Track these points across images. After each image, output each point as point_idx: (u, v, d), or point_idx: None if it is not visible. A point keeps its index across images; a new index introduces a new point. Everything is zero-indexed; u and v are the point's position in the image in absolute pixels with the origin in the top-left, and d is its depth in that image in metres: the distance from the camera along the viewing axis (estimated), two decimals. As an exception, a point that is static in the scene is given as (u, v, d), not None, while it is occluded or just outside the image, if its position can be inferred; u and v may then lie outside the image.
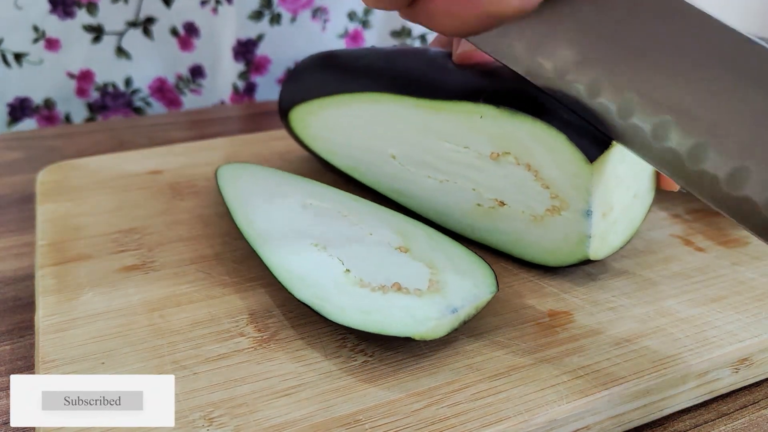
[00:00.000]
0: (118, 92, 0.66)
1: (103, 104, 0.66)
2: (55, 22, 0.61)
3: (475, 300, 0.29)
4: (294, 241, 0.33)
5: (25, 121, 0.64)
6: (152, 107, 0.68)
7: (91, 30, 0.62)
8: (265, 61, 0.70)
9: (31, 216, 0.43)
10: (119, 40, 0.64)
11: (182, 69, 0.67)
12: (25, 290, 0.37)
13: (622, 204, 0.33)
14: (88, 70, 0.64)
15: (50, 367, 0.28)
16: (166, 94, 0.68)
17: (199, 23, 0.65)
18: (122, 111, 0.67)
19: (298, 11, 0.69)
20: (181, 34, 0.65)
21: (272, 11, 0.68)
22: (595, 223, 0.31)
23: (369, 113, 0.38)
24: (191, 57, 0.67)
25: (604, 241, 0.33)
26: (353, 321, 0.28)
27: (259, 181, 0.39)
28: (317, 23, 0.71)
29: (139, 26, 0.64)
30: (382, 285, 0.30)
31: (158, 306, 0.32)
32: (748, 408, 0.30)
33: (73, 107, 0.65)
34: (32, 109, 0.64)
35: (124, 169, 0.46)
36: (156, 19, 0.64)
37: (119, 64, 0.65)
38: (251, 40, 0.69)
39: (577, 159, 0.30)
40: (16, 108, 0.63)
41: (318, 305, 0.29)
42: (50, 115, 0.65)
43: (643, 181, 0.34)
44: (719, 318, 0.31)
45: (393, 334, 0.27)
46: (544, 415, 0.26)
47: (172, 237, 0.38)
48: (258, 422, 0.25)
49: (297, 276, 0.31)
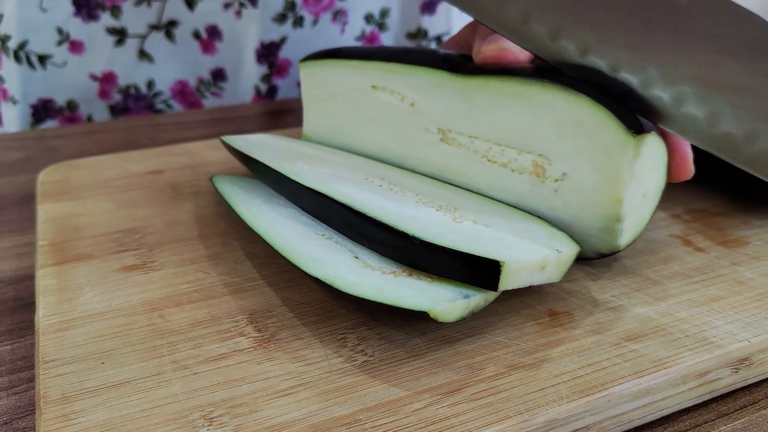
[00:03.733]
0: (140, 94, 0.67)
1: (125, 106, 0.67)
2: (79, 24, 0.62)
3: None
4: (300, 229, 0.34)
5: (47, 123, 0.65)
6: (173, 110, 0.69)
7: (115, 33, 0.63)
8: (287, 64, 0.71)
9: (31, 216, 0.43)
10: (142, 43, 0.64)
11: (204, 72, 0.68)
12: (25, 290, 0.37)
13: (633, 203, 0.33)
14: (111, 73, 0.65)
15: (50, 367, 0.28)
16: (187, 97, 0.68)
17: (222, 26, 0.66)
18: (144, 113, 0.68)
19: (320, 14, 0.69)
20: (204, 37, 0.66)
21: (295, 14, 0.68)
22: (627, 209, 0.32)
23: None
24: (213, 60, 0.67)
25: (624, 233, 0.33)
26: (367, 294, 0.28)
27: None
28: (337, 26, 0.71)
29: (162, 29, 0.64)
30: (393, 270, 0.30)
31: (158, 306, 0.32)
32: (748, 408, 0.30)
33: (96, 109, 0.66)
34: (55, 111, 0.65)
35: (125, 169, 0.46)
36: (179, 22, 0.64)
37: (141, 66, 0.65)
38: (274, 42, 0.69)
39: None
40: (39, 109, 0.64)
41: (329, 280, 0.29)
42: (73, 116, 0.65)
43: (653, 181, 0.34)
44: (719, 318, 0.31)
45: (408, 307, 0.27)
46: (544, 415, 0.26)
47: (172, 237, 0.38)
48: (258, 422, 0.25)
49: (306, 256, 0.31)
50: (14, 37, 0.60)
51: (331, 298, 0.32)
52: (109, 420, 0.25)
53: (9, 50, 0.61)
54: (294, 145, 0.43)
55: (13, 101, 0.63)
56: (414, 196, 0.35)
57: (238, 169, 0.46)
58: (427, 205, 0.34)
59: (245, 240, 0.37)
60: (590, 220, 0.32)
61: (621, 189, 0.31)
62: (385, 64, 0.38)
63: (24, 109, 0.63)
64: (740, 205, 0.42)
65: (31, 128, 0.64)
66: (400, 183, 0.36)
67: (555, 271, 0.30)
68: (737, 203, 0.42)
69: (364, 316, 0.31)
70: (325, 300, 0.32)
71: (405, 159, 0.39)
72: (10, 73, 0.62)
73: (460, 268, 0.28)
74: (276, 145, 0.42)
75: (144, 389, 0.27)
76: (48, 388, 0.27)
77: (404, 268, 0.30)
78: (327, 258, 0.31)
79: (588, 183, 0.32)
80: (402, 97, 0.38)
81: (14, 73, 0.62)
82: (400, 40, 0.76)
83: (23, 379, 0.31)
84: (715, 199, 0.42)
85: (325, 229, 0.34)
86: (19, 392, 0.30)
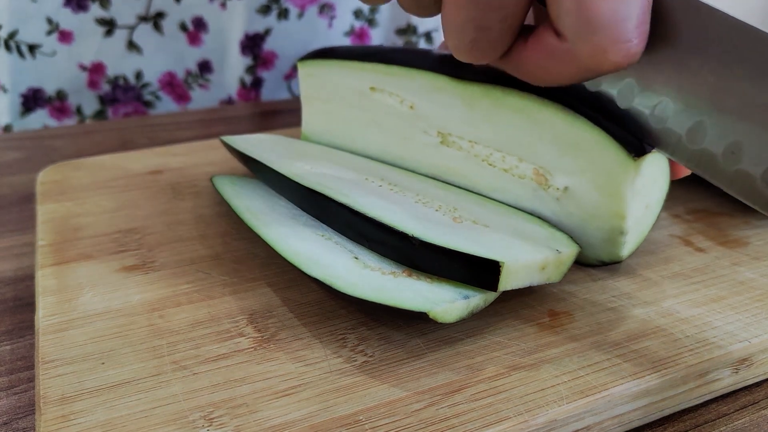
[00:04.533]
0: (128, 85, 0.67)
1: (113, 97, 0.67)
2: (69, 14, 0.62)
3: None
4: (300, 230, 0.34)
5: (37, 112, 0.65)
6: (162, 101, 0.69)
7: (104, 23, 0.63)
8: (272, 56, 0.71)
9: (31, 216, 0.43)
10: (130, 34, 0.65)
11: (190, 64, 0.68)
12: (25, 290, 0.37)
13: (636, 216, 0.33)
14: (100, 63, 0.65)
15: (50, 368, 0.28)
16: (176, 89, 0.69)
17: (208, 18, 0.66)
18: (132, 104, 0.68)
19: (306, 7, 0.70)
20: (190, 29, 0.66)
21: (280, 6, 0.69)
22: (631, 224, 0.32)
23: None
24: (199, 52, 0.68)
25: (627, 244, 0.33)
26: (366, 295, 0.28)
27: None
28: (324, 19, 0.71)
29: (150, 21, 0.65)
30: (393, 271, 0.30)
31: (158, 306, 0.32)
32: (748, 408, 0.30)
33: (85, 99, 0.66)
34: (45, 101, 0.65)
35: (125, 169, 0.46)
36: (166, 14, 0.65)
37: (130, 57, 0.66)
38: (259, 34, 0.69)
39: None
40: (29, 99, 0.64)
41: (329, 281, 0.29)
42: (62, 106, 0.66)
43: (655, 192, 0.34)
44: (719, 318, 0.31)
45: (408, 308, 0.27)
46: (544, 415, 0.26)
47: (172, 237, 0.38)
48: (258, 422, 0.25)
49: (306, 257, 0.31)
50: (5, 27, 0.61)
51: (331, 298, 0.32)
52: (109, 420, 0.25)
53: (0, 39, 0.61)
54: (293, 145, 0.43)
55: (4, 90, 0.64)
56: (414, 196, 0.35)
57: (238, 169, 0.46)
58: (427, 205, 0.34)
59: (245, 240, 0.37)
60: (593, 231, 0.32)
61: (623, 206, 0.31)
62: (384, 66, 0.38)
63: (14, 98, 0.64)
64: (741, 205, 0.41)
65: (20, 117, 0.64)
66: (399, 183, 0.36)
67: (555, 272, 0.30)
68: (738, 203, 0.42)
69: (363, 317, 0.31)
70: (325, 300, 0.32)
71: (404, 160, 0.39)
72: (0, 63, 0.63)
73: (459, 269, 0.28)
74: (275, 145, 0.42)
75: (144, 389, 0.27)
76: (48, 388, 0.27)
77: (404, 268, 0.30)
78: (327, 258, 0.31)
79: (590, 199, 0.32)
80: (401, 99, 0.38)
81: (4, 62, 0.62)
82: (389, 36, 0.76)
83: (23, 379, 0.31)
84: (716, 199, 0.42)
85: (324, 229, 0.34)
86: (19, 392, 0.30)
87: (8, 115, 0.64)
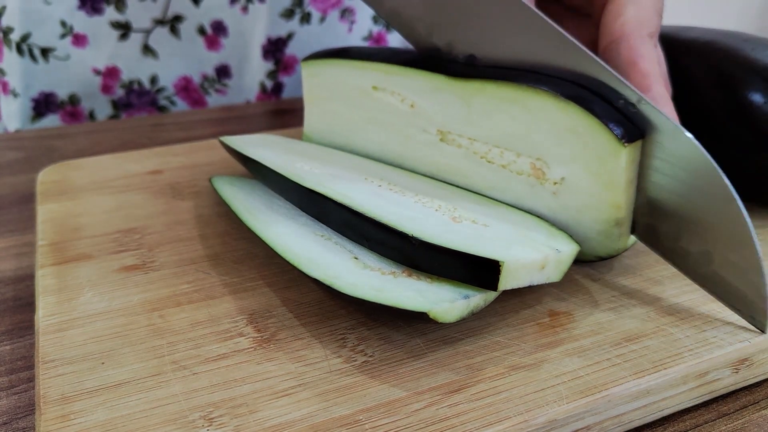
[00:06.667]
0: (143, 90, 0.66)
1: (128, 102, 0.66)
2: (83, 18, 0.61)
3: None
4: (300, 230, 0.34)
5: (48, 117, 0.64)
6: (177, 106, 0.68)
7: (119, 27, 0.63)
8: (293, 61, 0.71)
9: (31, 216, 0.43)
10: (146, 38, 0.64)
11: (208, 68, 0.67)
12: (25, 290, 0.37)
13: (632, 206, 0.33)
14: (114, 67, 0.64)
15: (50, 367, 0.28)
16: (191, 94, 0.68)
17: (228, 22, 0.65)
18: (147, 109, 0.67)
19: (328, 11, 0.69)
20: (209, 33, 0.66)
21: (303, 10, 0.68)
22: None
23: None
24: (218, 56, 0.67)
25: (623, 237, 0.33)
26: (366, 295, 0.28)
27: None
28: (345, 24, 0.71)
29: (167, 24, 0.64)
30: (393, 271, 0.30)
31: (158, 306, 0.32)
32: (748, 408, 0.30)
33: (98, 104, 0.65)
34: (57, 105, 0.64)
35: (125, 169, 0.46)
36: (184, 17, 0.64)
37: (145, 62, 0.65)
38: (281, 38, 0.69)
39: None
40: (40, 103, 0.63)
41: (329, 281, 0.29)
42: (74, 111, 0.65)
43: None
44: (719, 318, 0.31)
45: (408, 308, 0.27)
46: (544, 415, 0.26)
47: (172, 237, 0.38)
48: (258, 422, 0.25)
49: (306, 257, 0.31)
50: (17, 30, 0.60)
51: (330, 298, 0.32)
52: (108, 420, 0.25)
53: (11, 42, 0.60)
54: (293, 146, 0.43)
55: (14, 95, 0.63)
56: (413, 196, 0.35)
57: (238, 169, 0.46)
58: (427, 205, 0.34)
59: (245, 240, 0.37)
60: (589, 223, 0.32)
61: (619, 195, 0.31)
62: (386, 65, 0.38)
63: (25, 103, 0.63)
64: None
65: (31, 122, 0.64)
66: (399, 183, 0.36)
67: (555, 271, 0.30)
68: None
69: (363, 317, 0.31)
70: (325, 300, 0.32)
71: (405, 159, 0.39)
72: (11, 66, 0.62)
73: (459, 268, 0.28)
74: (275, 145, 0.42)
75: (144, 389, 0.27)
76: (48, 388, 0.27)
77: (404, 268, 0.30)
78: (326, 259, 0.31)
79: (586, 188, 0.32)
80: (402, 98, 0.38)
81: (16, 66, 0.61)
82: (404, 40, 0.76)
83: (23, 379, 0.31)
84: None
85: (324, 229, 0.34)
86: (19, 392, 0.30)
87: (18, 120, 0.63)
